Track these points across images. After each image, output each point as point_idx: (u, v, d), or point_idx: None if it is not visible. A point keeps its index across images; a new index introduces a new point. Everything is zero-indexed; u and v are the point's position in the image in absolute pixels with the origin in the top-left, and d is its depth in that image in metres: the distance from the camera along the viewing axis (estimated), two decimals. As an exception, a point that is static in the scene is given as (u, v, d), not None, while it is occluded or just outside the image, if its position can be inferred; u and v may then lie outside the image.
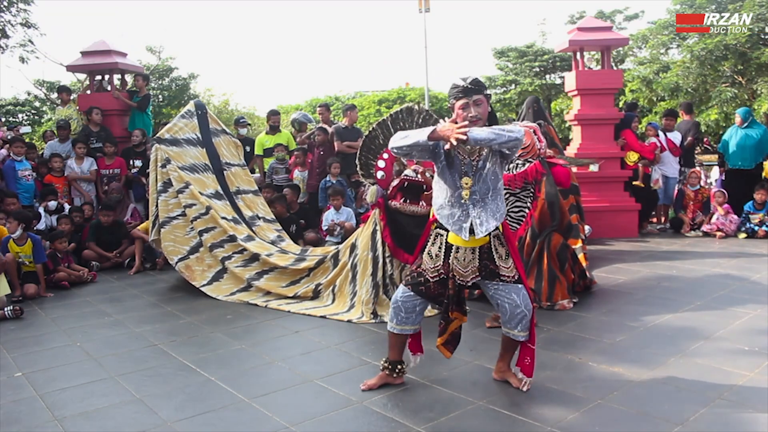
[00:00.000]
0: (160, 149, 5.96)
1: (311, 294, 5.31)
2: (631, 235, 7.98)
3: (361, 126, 14.51)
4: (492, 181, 3.07)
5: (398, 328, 3.27)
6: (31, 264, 5.95)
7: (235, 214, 6.09)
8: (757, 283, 5.43)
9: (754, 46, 13.63)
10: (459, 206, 3.07)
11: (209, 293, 5.55)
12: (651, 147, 8.32)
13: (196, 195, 5.84)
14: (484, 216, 3.05)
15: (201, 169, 6.09)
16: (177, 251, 5.77)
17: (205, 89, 25.55)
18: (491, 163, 3.06)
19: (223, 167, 6.33)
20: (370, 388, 3.36)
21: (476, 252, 3.11)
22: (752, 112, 8.97)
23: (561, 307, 4.76)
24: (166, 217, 5.83)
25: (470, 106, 3.03)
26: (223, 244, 5.76)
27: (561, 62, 21.11)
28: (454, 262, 3.12)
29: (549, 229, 4.90)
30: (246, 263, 5.66)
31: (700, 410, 2.98)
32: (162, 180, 5.88)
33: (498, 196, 3.11)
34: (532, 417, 2.98)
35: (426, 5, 21.80)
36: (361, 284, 4.91)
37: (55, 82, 19.13)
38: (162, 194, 5.86)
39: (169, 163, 5.90)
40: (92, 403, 3.33)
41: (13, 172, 7.29)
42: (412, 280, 3.22)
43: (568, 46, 8.31)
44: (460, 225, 3.06)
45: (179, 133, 6.15)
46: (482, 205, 3.06)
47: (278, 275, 5.56)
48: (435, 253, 3.16)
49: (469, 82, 3.05)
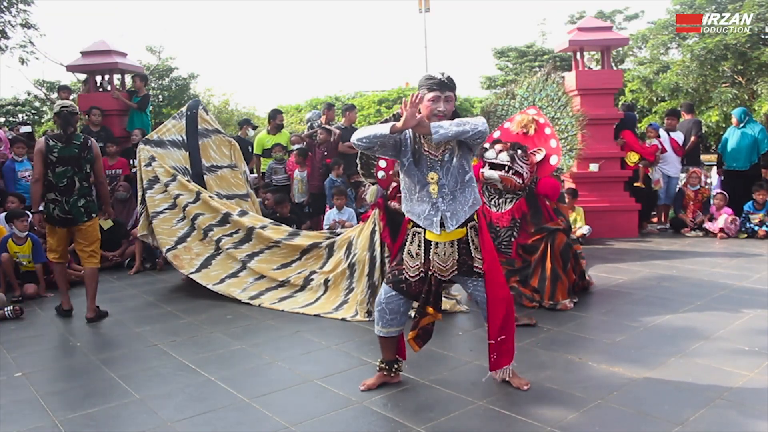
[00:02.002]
0: (144, 149, 6.03)
1: (302, 282, 5.36)
2: (631, 235, 7.98)
3: (361, 126, 14.53)
4: (459, 174, 3.09)
5: (384, 330, 3.28)
6: (30, 264, 5.95)
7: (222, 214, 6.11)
8: (757, 283, 5.43)
9: (754, 46, 13.63)
10: (428, 202, 3.09)
11: (198, 281, 5.58)
12: (652, 149, 8.31)
13: (185, 184, 5.93)
14: (453, 209, 3.07)
15: (181, 172, 6.11)
16: (166, 243, 5.83)
17: (205, 89, 25.54)
18: (457, 156, 3.07)
19: (204, 171, 6.25)
20: (369, 388, 3.36)
21: (455, 245, 3.13)
22: (748, 112, 8.98)
23: (563, 307, 4.76)
24: (154, 212, 5.88)
25: (440, 100, 3.04)
26: (213, 227, 5.82)
27: (561, 62, 21.12)
28: (435, 258, 3.13)
29: (553, 228, 4.91)
30: (237, 245, 5.72)
31: (700, 410, 2.98)
32: (147, 178, 5.95)
33: (467, 188, 3.11)
34: (532, 417, 2.98)
35: (426, 5, 21.84)
36: (358, 283, 4.92)
37: (55, 82, 19.11)
38: (148, 191, 5.92)
39: (153, 161, 5.98)
40: (92, 403, 3.33)
41: (13, 173, 7.28)
42: (393, 278, 3.23)
43: (568, 46, 8.31)
44: (431, 220, 3.09)
45: (166, 135, 6.20)
46: (451, 198, 3.08)
47: (270, 256, 5.63)
48: (415, 252, 3.17)
49: (446, 78, 3.06)
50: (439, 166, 3.08)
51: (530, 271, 4.87)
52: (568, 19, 21.31)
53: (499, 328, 3.20)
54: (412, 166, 3.10)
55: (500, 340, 3.22)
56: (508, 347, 3.25)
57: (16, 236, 5.89)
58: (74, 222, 4.94)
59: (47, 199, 4.91)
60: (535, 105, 5.22)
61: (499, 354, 3.24)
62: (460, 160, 3.08)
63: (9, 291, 5.80)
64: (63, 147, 4.86)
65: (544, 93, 5.27)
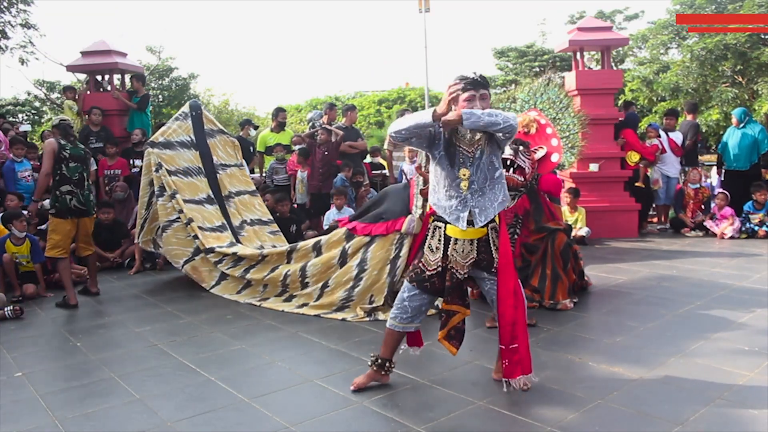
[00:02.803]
0: (152, 153, 5.97)
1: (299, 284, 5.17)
2: (631, 235, 7.99)
3: (361, 126, 14.52)
4: (489, 170, 3.08)
5: (401, 326, 3.26)
6: (29, 264, 5.95)
7: (223, 219, 6.04)
8: (757, 283, 5.43)
9: (754, 46, 13.63)
10: (457, 197, 3.07)
11: (219, 293, 5.54)
12: (653, 149, 8.32)
13: (181, 204, 5.80)
14: (482, 205, 3.06)
15: (195, 172, 6.09)
16: (182, 254, 5.76)
17: (205, 89, 25.56)
18: (488, 153, 3.06)
19: (217, 170, 6.29)
20: (359, 387, 3.34)
21: (474, 244, 3.11)
22: (748, 112, 8.98)
23: (563, 306, 4.76)
24: (167, 220, 5.82)
25: (476, 99, 3.01)
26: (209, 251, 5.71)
27: (561, 62, 21.13)
28: (453, 254, 3.12)
29: (554, 228, 4.91)
30: (235, 263, 5.59)
31: (700, 410, 2.98)
32: (158, 184, 5.89)
33: (496, 185, 3.10)
34: (532, 417, 2.98)
35: (426, 5, 21.78)
36: (363, 297, 4.84)
37: (55, 82, 19.14)
38: (159, 198, 5.87)
39: (160, 168, 5.90)
40: (92, 403, 3.32)
41: (13, 173, 7.27)
42: (417, 277, 3.21)
43: (568, 46, 8.31)
44: (457, 215, 3.07)
45: (173, 136, 6.15)
46: (480, 195, 3.07)
47: (261, 267, 5.45)
48: (435, 246, 3.16)
49: (479, 76, 3.05)
50: (470, 163, 3.06)
51: (530, 271, 4.88)
52: (568, 19, 21.34)
53: (510, 334, 3.14)
54: (444, 160, 3.08)
55: (512, 348, 3.15)
56: (521, 357, 3.16)
57: (14, 237, 5.88)
58: (87, 213, 5.45)
59: (62, 191, 5.26)
60: (536, 108, 5.22)
61: (511, 362, 3.17)
62: (490, 156, 3.07)
63: (9, 291, 5.80)
64: (71, 147, 5.40)
65: (546, 96, 5.28)
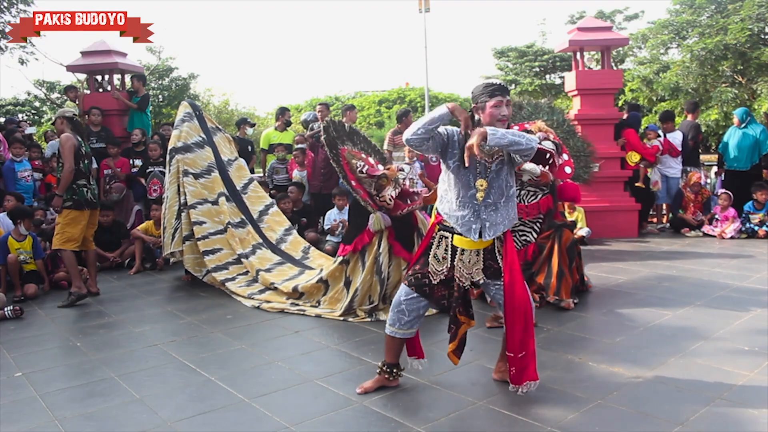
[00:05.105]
0: (179, 161, 6.01)
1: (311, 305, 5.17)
2: (631, 235, 7.99)
3: (361, 126, 14.52)
4: (506, 187, 3.07)
5: (400, 332, 3.24)
6: (31, 261, 5.97)
7: (242, 215, 6.12)
8: (757, 283, 5.43)
9: (754, 46, 13.62)
10: (470, 208, 3.04)
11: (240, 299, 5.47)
12: (653, 150, 8.32)
13: (211, 213, 5.92)
14: (494, 220, 3.04)
15: (214, 168, 6.18)
16: (204, 264, 5.77)
17: (205, 89, 25.53)
18: (506, 168, 3.06)
19: (227, 166, 6.38)
20: (366, 391, 3.34)
21: (480, 254, 3.11)
22: (750, 112, 8.98)
23: (566, 305, 4.77)
24: (202, 235, 5.83)
25: (503, 104, 3.00)
26: (228, 266, 5.75)
27: (561, 62, 21.12)
28: (459, 265, 3.12)
29: (560, 224, 4.92)
30: (249, 283, 5.60)
31: (700, 410, 2.98)
32: (189, 194, 5.92)
33: (510, 202, 3.10)
34: (532, 417, 2.98)
35: (426, 5, 21.80)
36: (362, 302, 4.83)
37: (55, 82, 19.13)
38: (192, 210, 5.86)
39: (186, 174, 5.98)
40: (92, 403, 3.33)
41: (13, 173, 7.28)
42: (416, 281, 3.19)
43: (568, 46, 8.31)
44: (469, 226, 3.04)
45: (188, 139, 6.18)
46: (494, 210, 3.05)
47: (273, 294, 5.39)
48: (442, 256, 3.15)
49: (503, 82, 3.05)
50: (486, 174, 3.05)
51: (536, 268, 4.89)
52: (568, 19, 21.33)
53: (519, 342, 3.10)
54: (458, 170, 3.06)
55: (521, 356, 3.13)
56: (528, 363, 3.14)
57: (15, 233, 5.91)
58: (97, 206, 5.78)
59: (78, 184, 5.48)
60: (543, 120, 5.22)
61: (519, 369, 3.15)
62: (507, 173, 3.07)
63: (10, 291, 5.81)
64: (83, 143, 5.64)
65: (548, 118, 5.30)
